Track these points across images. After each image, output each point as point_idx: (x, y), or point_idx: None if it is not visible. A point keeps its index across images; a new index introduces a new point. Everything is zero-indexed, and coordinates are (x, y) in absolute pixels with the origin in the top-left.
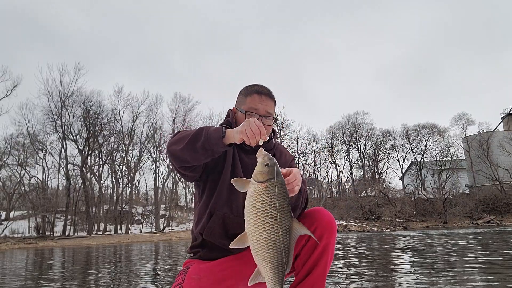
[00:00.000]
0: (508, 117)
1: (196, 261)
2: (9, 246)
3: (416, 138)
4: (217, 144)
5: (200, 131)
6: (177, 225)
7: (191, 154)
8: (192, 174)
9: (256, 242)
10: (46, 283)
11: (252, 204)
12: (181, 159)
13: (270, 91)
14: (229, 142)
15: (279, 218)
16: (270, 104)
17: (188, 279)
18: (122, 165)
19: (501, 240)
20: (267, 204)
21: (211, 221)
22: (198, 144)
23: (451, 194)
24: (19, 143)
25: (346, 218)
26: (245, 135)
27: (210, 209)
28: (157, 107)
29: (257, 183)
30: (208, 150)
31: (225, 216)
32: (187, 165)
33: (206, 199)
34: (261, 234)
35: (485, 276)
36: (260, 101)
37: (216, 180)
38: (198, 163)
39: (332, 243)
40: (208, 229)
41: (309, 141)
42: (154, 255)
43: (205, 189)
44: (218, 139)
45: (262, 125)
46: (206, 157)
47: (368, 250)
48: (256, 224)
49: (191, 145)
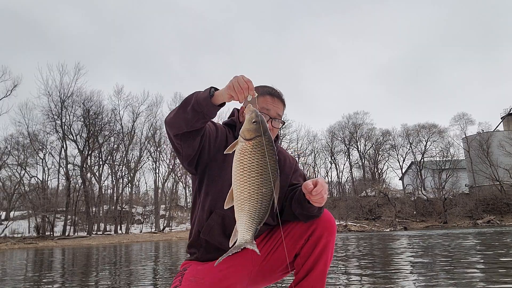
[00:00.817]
0: (508, 117)
1: (194, 263)
2: (9, 246)
3: (416, 138)
4: (207, 105)
5: (191, 95)
6: (177, 225)
7: (184, 118)
8: (188, 149)
9: (239, 195)
10: (46, 284)
11: (239, 160)
12: (175, 125)
13: (282, 94)
14: (218, 102)
15: (265, 173)
16: (280, 107)
17: (185, 281)
18: (122, 165)
19: (501, 240)
20: (253, 161)
21: (210, 218)
22: (189, 108)
23: (451, 194)
24: (19, 143)
25: (346, 218)
26: (233, 90)
27: (210, 207)
28: (157, 107)
29: (245, 141)
30: (199, 112)
31: (224, 215)
32: (181, 131)
33: (205, 197)
34: (245, 187)
35: (485, 276)
36: (272, 102)
37: (216, 178)
38: (191, 128)
39: (332, 243)
40: (207, 227)
41: (309, 141)
42: (154, 255)
43: (205, 186)
44: (207, 98)
45: (250, 81)
46: (197, 119)
47: (368, 250)
48: (242, 179)
49: (183, 109)
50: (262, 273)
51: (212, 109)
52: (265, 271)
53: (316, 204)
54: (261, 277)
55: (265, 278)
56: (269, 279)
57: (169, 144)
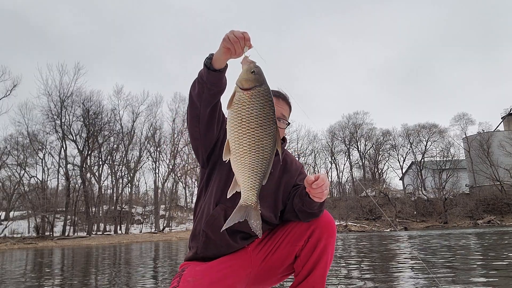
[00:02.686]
0: (509, 117)
1: (192, 263)
2: (9, 246)
3: (416, 138)
4: (208, 71)
5: (199, 71)
6: (177, 225)
7: (196, 94)
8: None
9: (238, 147)
10: (46, 284)
11: (237, 110)
12: (192, 104)
13: (287, 96)
14: (218, 65)
15: (265, 125)
16: (285, 108)
17: (183, 282)
18: (121, 165)
19: (502, 240)
20: (252, 112)
21: (215, 210)
22: (196, 81)
23: (451, 194)
24: (19, 143)
25: (346, 218)
26: (228, 42)
27: (216, 199)
28: (157, 107)
29: (242, 91)
30: (205, 83)
31: (227, 209)
32: (198, 111)
33: (212, 190)
34: (245, 139)
35: (485, 276)
36: (277, 103)
37: (224, 174)
38: (204, 104)
39: (332, 244)
40: (210, 218)
41: (309, 141)
42: (154, 255)
43: (214, 180)
44: (206, 64)
45: (246, 32)
46: (206, 91)
47: (368, 251)
48: (240, 130)
49: (193, 86)
50: (262, 274)
51: (213, 75)
52: (265, 272)
53: (316, 199)
54: (261, 278)
55: (265, 280)
56: (269, 280)
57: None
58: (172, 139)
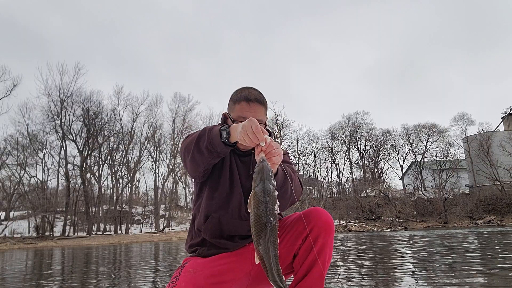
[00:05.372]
0: (509, 117)
1: (194, 258)
2: (9, 246)
3: (416, 138)
4: (225, 146)
5: (203, 133)
6: (177, 225)
7: (202, 159)
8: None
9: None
10: (46, 284)
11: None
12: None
13: (259, 96)
14: (234, 139)
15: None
16: (260, 111)
17: (184, 272)
18: (121, 165)
19: (501, 240)
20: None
21: (207, 222)
22: (204, 147)
23: (451, 194)
24: (19, 143)
25: (346, 218)
26: (247, 136)
27: (206, 212)
28: (157, 107)
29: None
30: (218, 153)
31: (221, 217)
32: (201, 168)
33: (203, 201)
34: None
35: (485, 276)
36: (249, 109)
37: (215, 185)
38: (209, 163)
39: (330, 243)
40: (205, 229)
41: (309, 141)
42: (154, 255)
43: (204, 191)
44: (220, 142)
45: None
46: (215, 158)
47: (368, 251)
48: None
49: (198, 148)
50: (262, 274)
51: (228, 147)
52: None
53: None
54: (262, 278)
55: (265, 279)
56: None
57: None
58: (172, 139)
